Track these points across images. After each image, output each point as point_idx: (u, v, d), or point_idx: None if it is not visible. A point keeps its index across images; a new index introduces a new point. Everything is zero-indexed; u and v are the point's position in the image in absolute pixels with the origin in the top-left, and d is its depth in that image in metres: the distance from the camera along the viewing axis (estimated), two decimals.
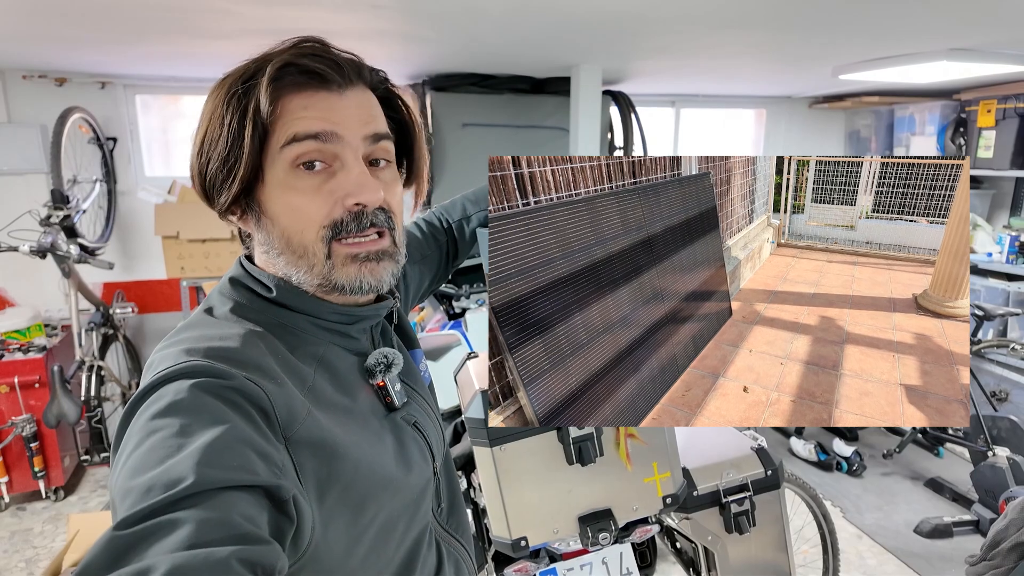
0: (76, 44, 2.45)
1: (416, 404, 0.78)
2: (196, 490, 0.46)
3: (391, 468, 0.67)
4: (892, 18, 2.01)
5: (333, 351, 0.70)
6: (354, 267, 0.66)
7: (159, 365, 0.58)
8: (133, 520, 0.45)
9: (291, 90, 0.63)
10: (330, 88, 0.64)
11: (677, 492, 1.15)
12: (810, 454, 3.24)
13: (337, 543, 0.61)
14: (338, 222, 0.64)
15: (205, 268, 3.36)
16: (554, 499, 1.08)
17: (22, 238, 2.70)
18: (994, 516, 2.60)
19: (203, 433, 0.50)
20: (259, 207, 0.65)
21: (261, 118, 0.61)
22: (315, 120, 0.63)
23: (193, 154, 0.66)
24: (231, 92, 0.63)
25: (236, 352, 0.59)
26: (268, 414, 0.56)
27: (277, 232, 0.65)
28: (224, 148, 0.62)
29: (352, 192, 0.64)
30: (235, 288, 0.69)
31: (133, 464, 0.49)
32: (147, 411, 0.53)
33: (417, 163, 0.76)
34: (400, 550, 0.71)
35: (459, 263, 1.12)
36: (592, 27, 2.17)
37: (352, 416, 0.66)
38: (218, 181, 0.64)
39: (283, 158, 0.63)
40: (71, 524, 2.23)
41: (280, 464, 0.54)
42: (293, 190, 0.63)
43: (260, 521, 0.49)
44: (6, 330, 2.93)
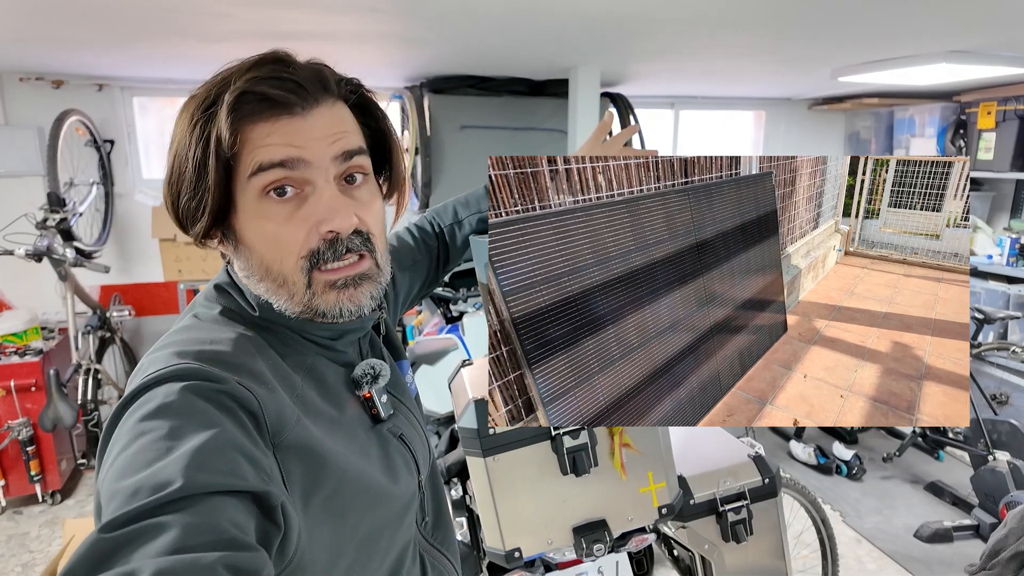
0: (73, 46, 2.44)
1: (402, 416, 0.77)
2: (184, 494, 0.46)
3: (377, 479, 0.67)
4: (892, 20, 2.00)
5: (321, 361, 0.70)
6: (333, 294, 0.65)
7: (149, 368, 0.57)
8: (119, 523, 0.44)
9: (252, 118, 0.60)
10: (292, 112, 0.61)
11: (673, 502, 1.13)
12: (809, 457, 3.23)
13: (322, 552, 0.60)
14: (315, 251, 0.63)
15: (202, 271, 3.35)
16: (548, 509, 1.07)
17: (18, 241, 2.69)
18: (994, 520, 2.59)
19: (193, 436, 0.50)
20: (235, 235, 0.64)
21: (223, 150, 0.59)
22: (279, 148, 0.60)
23: (164, 184, 0.64)
24: (194, 121, 0.61)
25: (227, 356, 0.59)
26: (258, 419, 0.56)
27: (256, 260, 0.64)
28: (191, 180, 0.61)
29: (324, 218, 0.62)
30: (222, 294, 0.69)
31: (120, 466, 0.49)
32: (136, 413, 0.53)
33: (396, 171, 0.74)
34: (384, 563, 0.71)
35: (451, 269, 1.11)
36: (590, 29, 2.16)
37: (339, 426, 0.66)
38: (190, 212, 0.63)
39: (252, 187, 0.61)
40: (66, 529, 2.23)
41: (268, 470, 0.53)
42: (266, 218, 0.62)
43: (247, 527, 0.48)
44: (3, 333, 2.92)
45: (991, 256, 3.70)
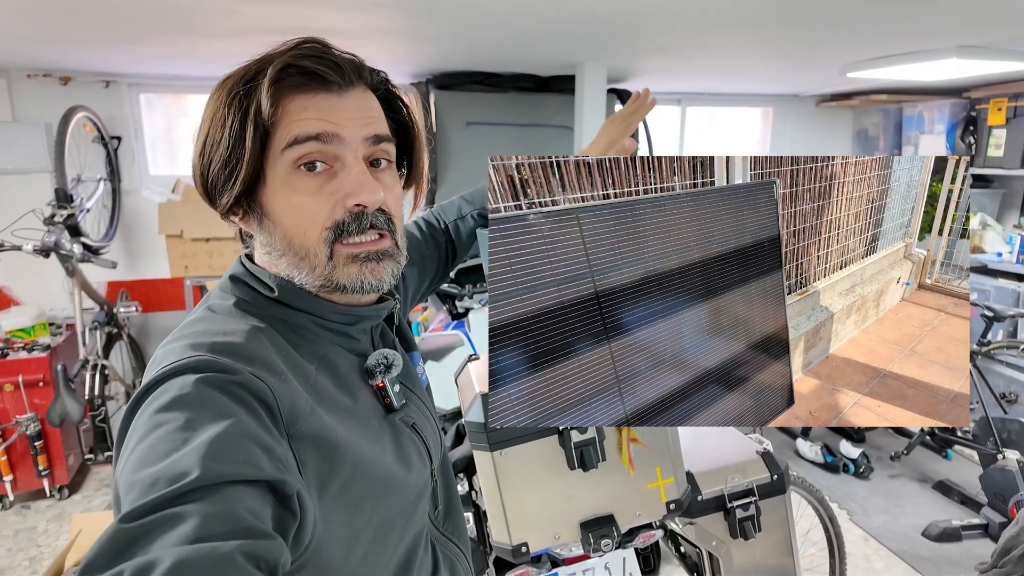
0: (81, 43, 2.45)
1: (414, 406, 0.78)
2: (201, 484, 0.46)
3: (390, 468, 0.68)
4: (901, 15, 1.98)
5: (334, 350, 0.70)
6: (355, 267, 0.67)
7: (163, 360, 0.58)
8: (138, 513, 0.45)
9: (292, 92, 0.63)
10: (330, 89, 0.64)
11: (681, 498, 1.13)
12: (816, 456, 3.21)
13: (337, 541, 0.61)
14: (339, 223, 0.65)
15: (209, 267, 3.35)
16: (555, 504, 1.07)
17: (26, 237, 2.71)
18: (1004, 519, 2.57)
19: (208, 427, 0.50)
20: (261, 208, 0.66)
21: (262, 120, 0.62)
22: (316, 121, 0.63)
23: (195, 155, 0.66)
24: (232, 93, 0.63)
25: (241, 347, 0.60)
26: (272, 409, 0.56)
27: (279, 233, 0.66)
28: (226, 150, 0.63)
29: (352, 192, 0.65)
30: (237, 285, 0.69)
31: (138, 457, 0.50)
32: (152, 405, 0.54)
33: (417, 164, 0.77)
34: (397, 552, 0.71)
35: (458, 263, 1.11)
36: (597, 25, 2.15)
37: (352, 415, 0.67)
38: (220, 182, 0.65)
39: (284, 159, 0.63)
40: (73, 524, 2.24)
41: (283, 459, 0.54)
42: (295, 191, 0.64)
43: (264, 516, 0.49)
44: (11, 329, 2.94)
45: (1001, 254, 3.67)
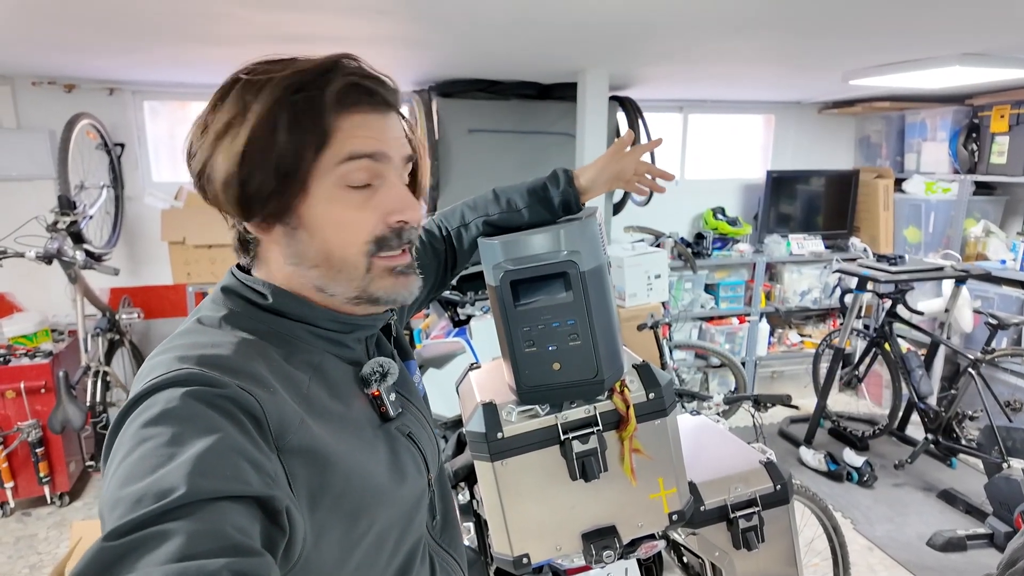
0: (85, 50, 2.46)
1: (411, 415, 0.77)
2: (188, 500, 0.46)
3: (384, 478, 0.67)
4: (903, 22, 1.98)
5: (328, 359, 0.70)
6: (391, 280, 0.69)
7: (150, 373, 0.57)
8: (123, 531, 0.44)
9: (348, 108, 0.64)
10: (379, 109, 0.67)
11: (684, 508, 1.12)
12: (820, 464, 3.20)
13: (329, 554, 0.60)
14: (381, 238, 0.67)
15: (211, 274, 3.35)
16: (557, 515, 1.05)
17: (29, 244, 2.71)
18: (1009, 529, 2.55)
19: (195, 442, 0.50)
20: (296, 219, 0.65)
21: (324, 134, 0.62)
22: (370, 140, 0.65)
23: (231, 163, 0.62)
24: (283, 104, 0.61)
25: (228, 360, 0.59)
26: (260, 423, 0.55)
27: (316, 245, 0.66)
28: (275, 159, 0.61)
29: (397, 209, 0.67)
30: (228, 297, 0.69)
31: (123, 473, 0.49)
32: (138, 419, 0.53)
33: (421, 181, 0.79)
34: (393, 563, 0.70)
35: (458, 272, 1.10)
36: (599, 33, 2.15)
37: (346, 424, 0.66)
38: (262, 192, 0.63)
39: (335, 173, 0.64)
40: (74, 531, 2.23)
41: (272, 474, 0.53)
42: (340, 204, 0.65)
43: (252, 532, 0.48)
44: (13, 335, 2.94)
45: (1004, 261, 3.66)
